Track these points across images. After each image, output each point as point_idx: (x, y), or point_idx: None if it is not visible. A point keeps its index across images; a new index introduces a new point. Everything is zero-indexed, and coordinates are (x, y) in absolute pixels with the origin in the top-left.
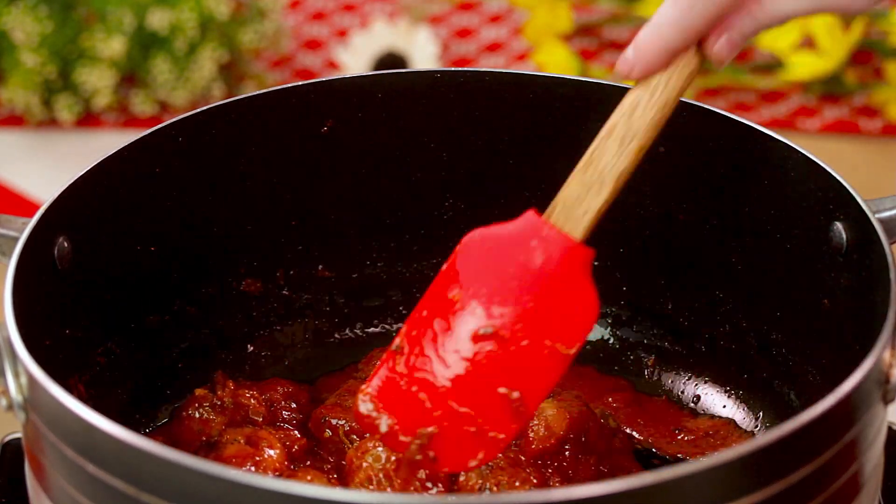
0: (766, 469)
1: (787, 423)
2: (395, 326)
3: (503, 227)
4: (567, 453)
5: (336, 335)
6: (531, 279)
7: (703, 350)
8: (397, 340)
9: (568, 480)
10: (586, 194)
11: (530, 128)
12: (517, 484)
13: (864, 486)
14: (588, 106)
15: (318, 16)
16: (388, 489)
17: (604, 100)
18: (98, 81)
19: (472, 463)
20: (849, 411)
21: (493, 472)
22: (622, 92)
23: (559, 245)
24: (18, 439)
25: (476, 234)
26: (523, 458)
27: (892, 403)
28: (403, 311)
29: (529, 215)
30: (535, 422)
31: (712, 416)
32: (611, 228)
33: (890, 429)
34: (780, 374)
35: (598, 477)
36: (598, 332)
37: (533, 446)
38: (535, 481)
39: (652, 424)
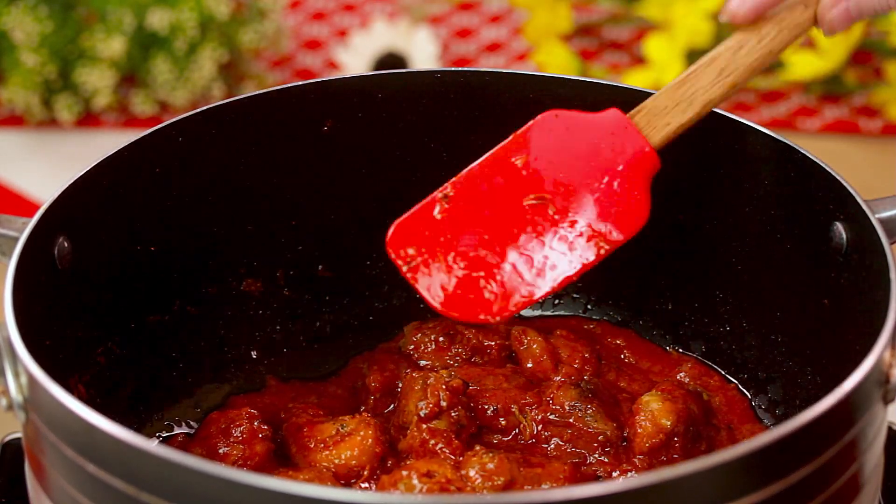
0: (766, 469)
1: (787, 424)
2: (397, 325)
3: (584, 114)
4: (677, 445)
5: (336, 334)
6: (599, 165)
7: (704, 350)
8: (447, 188)
9: None
10: (673, 108)
11: None
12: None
13: (864, 486)
14: (588, 106)
15: (318, 16)
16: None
17: (603, 100)
18: (98, 81)
19: (482, 316)
20: (849, 411)
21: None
22: (622, 92)
23: (635, 143)
24: (18, 439)
25: (555, 113)
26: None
27: (892, 403)
28: (405, 310)
29: (613, 111)
30: (641, 417)
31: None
32: None
33: (890, 429)
34: (779, 374)
35: None
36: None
37: (644, 443)
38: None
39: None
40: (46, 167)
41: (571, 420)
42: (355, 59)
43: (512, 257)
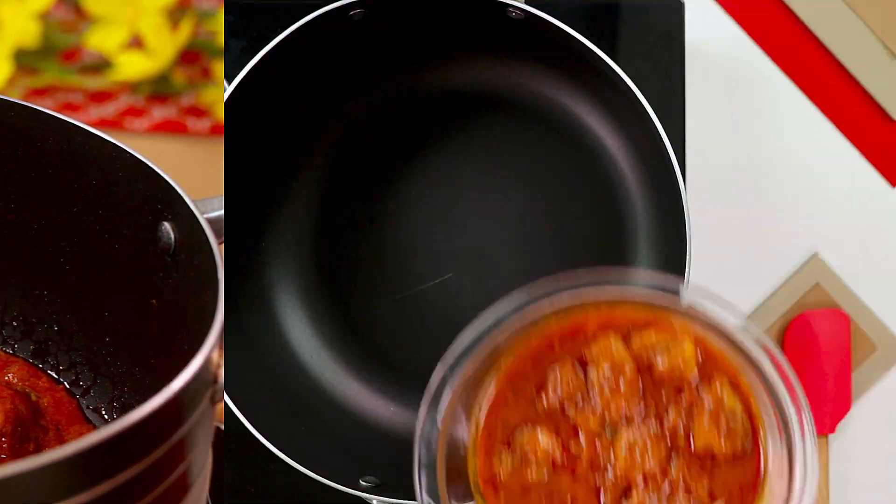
0: (93, 469)
1: (114, 424)
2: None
3: None
4: (5, 446)
5: None
6: None
7: (32, 350)
8: None
9: None
10: None
11: None
12: None
13: (192, 485)
14: None
15: None
16: None
17: None
18: None
19: None
20: (177, 411)
21: None
22: None
23: None
24: None
25: None
26: None
27: (220, 403)
28: None
29: None
30: None
31: None
32: None
33: (217, 428)
34: (108, 376)
35: None
36: None
37: None
38: None
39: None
40: None
41: None
42: None
43: None
